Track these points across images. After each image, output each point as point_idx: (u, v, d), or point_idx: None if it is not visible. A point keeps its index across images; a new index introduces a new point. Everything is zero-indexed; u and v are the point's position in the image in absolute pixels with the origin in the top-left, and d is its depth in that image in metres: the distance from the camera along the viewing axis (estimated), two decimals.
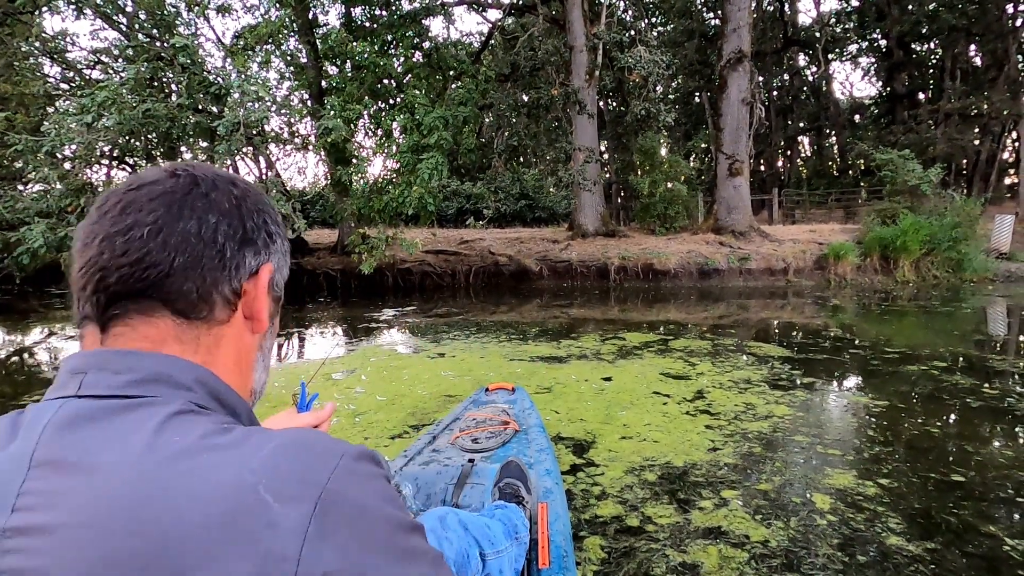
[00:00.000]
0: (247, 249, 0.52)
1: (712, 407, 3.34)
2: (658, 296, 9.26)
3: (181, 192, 0.49)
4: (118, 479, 0.38)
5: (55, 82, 10.77)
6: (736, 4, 12.14)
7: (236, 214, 0.51)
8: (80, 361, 0.46)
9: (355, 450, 0.43)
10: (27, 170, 7.20)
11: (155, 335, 0.47)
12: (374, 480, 0.42)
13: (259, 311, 0.53)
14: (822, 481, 2.36)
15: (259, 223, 0.54)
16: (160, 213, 0.47)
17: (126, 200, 0.48)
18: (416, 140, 8.87)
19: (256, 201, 0.55)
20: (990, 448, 2.73)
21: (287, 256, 0.59)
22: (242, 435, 0.42)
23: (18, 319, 8.00)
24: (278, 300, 0.59)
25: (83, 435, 0.41)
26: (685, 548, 1.88)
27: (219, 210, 0.50)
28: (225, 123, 6.99)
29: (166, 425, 0.41)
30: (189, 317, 0.48)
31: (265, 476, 0.39)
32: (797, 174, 27.99)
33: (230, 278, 0.50)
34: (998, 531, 1.97)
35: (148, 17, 9.64)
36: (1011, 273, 10.55)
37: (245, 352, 0.54)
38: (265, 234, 0.54)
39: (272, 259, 0.55)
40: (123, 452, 0.39)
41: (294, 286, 10.83)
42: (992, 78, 19.30)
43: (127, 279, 0.46)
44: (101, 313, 0.47)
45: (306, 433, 0.44)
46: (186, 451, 0.39)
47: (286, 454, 0.40)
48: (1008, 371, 4.11)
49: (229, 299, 0.51)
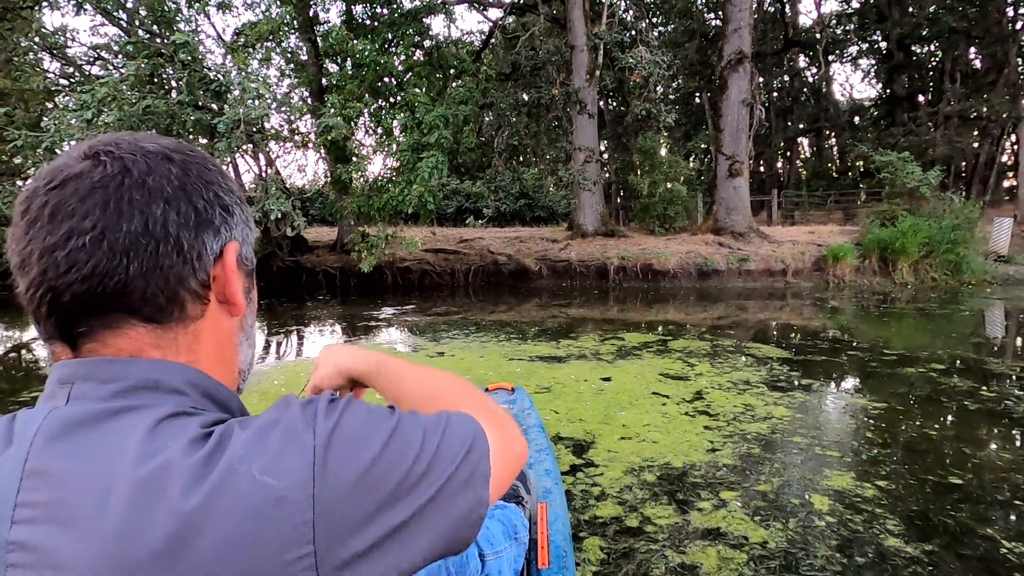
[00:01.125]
0: (205, 232, 0.47)
1: (711, 408, 3.35)
2: (657, 296, 9.27)
3: (113, 185, 0.43)
4: (114, 491, 0.37)
5: (55, 78, 10.76)
6: (737, 5, 12.15)
7: (182, 195, 0.45)
8: (67, 371, 0.44)
9: (322, 403, 0.44)
10: (26, 166, 7.17)
11: (130, 347, 0.45)
12: (345, 418, 0.43)
13: (232, 294, 0.50)
14: (821, 482, 2.36)
15: (210, 198, 0.48)
16: (97, 216, 0.42)
17: (53, 203, 0.42)
18: (416, 139, 8.86)
19: (200, 173, 0.48)
20: (988, 450, 2.74)
21: (250, 222, 0.54)
22: (227, 430, 0.41)
23: (16, 315, 7.98)
24: (251, 273, 0.55)
25: (73, 444, 0.40)
26: (684, 549, 1.88)
27: (162, 196, 0.44)
28: (225, 120, 6.98)
29: (156, 431, 0.40)
30: (161, 322, 0.45)
31: (256, 461, 0.38)
32: (796, 175, 28.03)
33: (194, 270, 0.46)
34: (995, 533, 1.98)
35: (148, 13, 9.62)
36: (1009, 276, 10.58)
37: (226, 338, 0.52)
38: (220, 209, 0.49)
39: (235, 233, 0.50)
40: (116, 462, 0.38)
41: (293, 284, 10.84)
42: (992, 81, 19.33)
43: (82, 297, 0.42)
44: (65, 332, 0.44)
45: (278, 411, 0.43)
46: (179, 457, 0.38)
47: (268, 435, 0.40)
48: (1006, 374, 4.12)
49: (198, 293, 0.47)
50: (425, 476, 0.43)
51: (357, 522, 0.39)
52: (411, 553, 0.42)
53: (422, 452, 0.44)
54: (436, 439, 0.46)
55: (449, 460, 0.45)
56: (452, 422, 0.49)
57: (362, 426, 0.43)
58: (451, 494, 0.45)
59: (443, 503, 0.44)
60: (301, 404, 0.44)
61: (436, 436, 0.46)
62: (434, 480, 0.44)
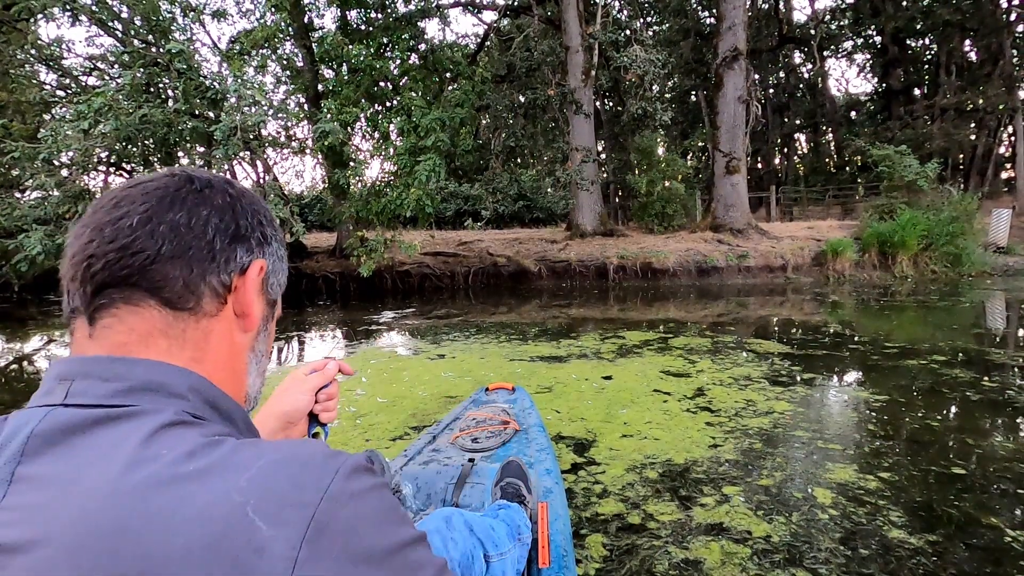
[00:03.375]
0: (239, 245, 0.51)
1: (712, 404, 3.34)
2: (657, 295, 9.27)
3: (175, 187, 0.49)
4: (99, 498, 0.36)
5: (51, 89, 10.77)
6: (732, 2, 12.17)
7: (229, 211, 0.51)
8: (67, 367, 0.44)
9: (350, 463, 0.41)
10: (24, 177, 7.20)
11: (142, 326, 0.46)
12: (370, 495, 0.40)
13: (249, 307, 0.52)
14: (823, 476, 2.36)
15: (253, 223, 0.53)
16: (151, 204, 0.47)
17: (120, 196, 0.48)
18: (413, 142, 8.87)
19: (252, 203, 0.54)
20: (990, 441, 2.74)
21: (284, 262, 0.59)
22: (230, 450, 0.39)
23: (17, 327, 7.98)
24: (273, 304, 0.58)
25: (67, 449, 0.39)
26: (687, 545, 1.87)
27: (212, 205, 0.50)
28: (222, 127, 6.99)
29: (153, 439, 0.39)
30: (176, 307, 0.47)
31: (254, 496, 0.36)
32: (794, 171, 28.05)
33: (219, 270, 0.49)
34: (999, 523, 1.97)
35: (143, 23, 9.64)
36: (1009, 267, 10.57)
37: (237, 352, 0.53)
38: (260, 234, 0.54)
39: (266, 258, 0.54)
40: (106, 469, 0.37)
41: (293, 289, 10.83)
42: (987, 73, 19.37)
43: (113, 265, 0.45)
44: (88, 303, 0.46)
45: (299, 447, 0.41)
46: (171, 468, 0.37)
47: (277, 472, 0.38)
48: (1007, 364, 4.11)
49: (217, 291, 0.50)
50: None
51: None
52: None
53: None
54: None
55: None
56: None
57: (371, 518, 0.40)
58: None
59: None
60: (325, 454, 0.41)
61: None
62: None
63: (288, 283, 0.61)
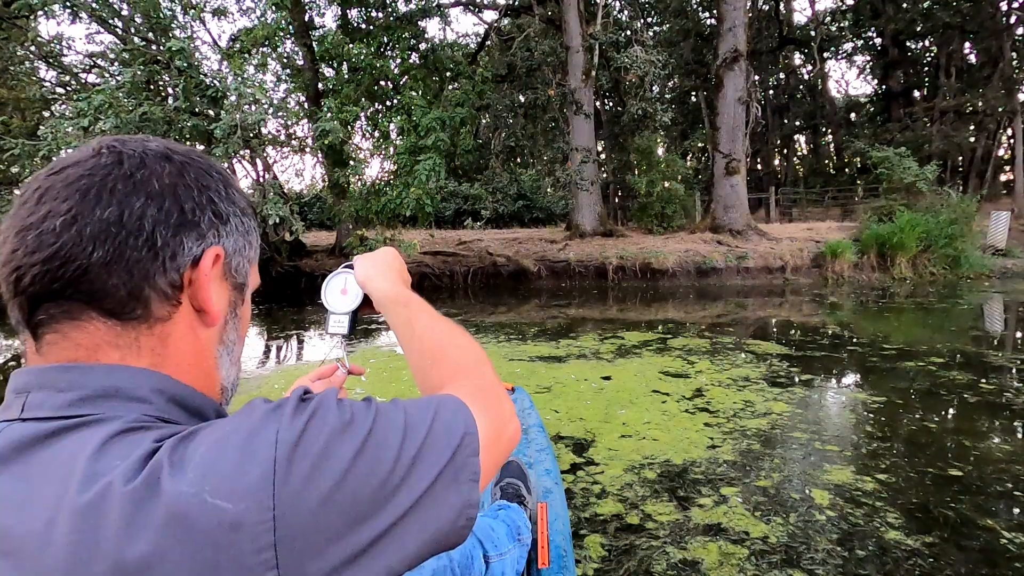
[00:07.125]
0: (186, 234, 0.45)
1: (711, 405, 3.35)
2: (656, 295, 9.28)
3: (101, 174, 0.42)
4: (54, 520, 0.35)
5: (51, 86, 10.77)
6: (732, 3, 12.18)
7: (169, 194, 0.44)
8: (23, 379, 0.42)
9: (288, 407, 0.39)
10: (24, 174, 7.19)
11: (88, 340, 0.42)
12: (314, 424, 0.39)
13: (207, 302, 0.47)
14: (821, 477, 2.37)
15: (201, 202, 0.46)
16: (75, 200, 0.41)
17: (44, 187, 0.42)
18: (413, 141, 8.88)
19: (198, 176, 0.47)
20: (987, 443, 2.75)
21: (250, 235, 0.52)
22: (171, 448, 0.37)
23: None
24: (240, 287, 0.52)
25: (22, 467, 0.37)
26: (685, 545, 1.88)
27: (146, 192, 0.43)
28: (222, 126, 6.99)
29: (103, 451, 0.37)
30: (122, 318, 0.43)
31: (208, 483, 0.34)
32: (794, 172, 28.06)
33: (165, 269, 0.44)
34: (996, 525, 1.98)
35: (144, 20, 9.62)
36: (1007, 269, 10.60)
37: (202, 349, 0.48)
38: (211, 214, 0.47)
39: (222, 241, 0.48)
40: (59, 488, 0.35)
41: (293, 288, 10.85)
42: (987, 75, 19.39)
43: (41, 279, 0.40)
44: (27, 319, 0.42)
45: (237, 418, 0.40)
46: (123, 479, 0.35)
47: (222, 450, 0.36)
48: (1005, 366, 4.13)
49: (167, 293, 0.44)
50: (404, 482, 0.40)
51: (326, 541, 0.36)
52: (394, 561, 0.39)
53: (401, 454, 0.41)
54: (419, 437, 0.42)
55: (433, 461, 0.42)
56: (440, 414, 0.45)
57: (332, 435, 0.39)
58: (436, 499, 0.41)
59: (427, 509, 0.41)
60: (265, 410, 0.39)
61: (420, 433, 0.43)
62: (415, 486, 0.40)
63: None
